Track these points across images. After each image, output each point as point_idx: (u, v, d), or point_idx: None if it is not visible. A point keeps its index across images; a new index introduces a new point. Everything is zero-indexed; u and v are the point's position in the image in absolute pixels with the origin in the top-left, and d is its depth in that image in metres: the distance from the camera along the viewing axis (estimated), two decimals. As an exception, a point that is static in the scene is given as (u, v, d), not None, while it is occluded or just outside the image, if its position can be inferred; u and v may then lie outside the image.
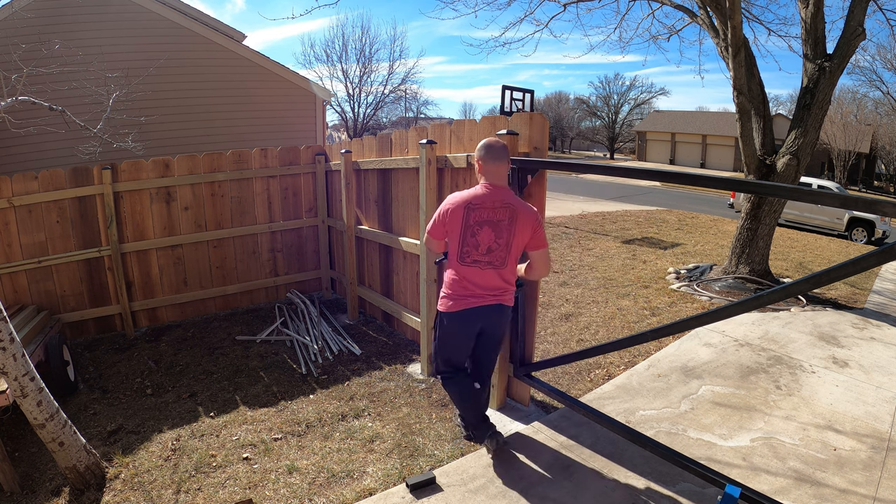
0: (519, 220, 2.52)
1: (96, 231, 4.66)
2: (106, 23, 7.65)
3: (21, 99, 4.37)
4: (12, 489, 2.69)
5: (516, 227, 2.52)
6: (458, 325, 2.63)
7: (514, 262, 2.62)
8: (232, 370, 4.06)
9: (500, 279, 2.59)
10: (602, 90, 51.09)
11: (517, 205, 2.55)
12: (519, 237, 2.54)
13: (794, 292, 2.20)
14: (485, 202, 2.53)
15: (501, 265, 2.56)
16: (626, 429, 2.78)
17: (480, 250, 2.54)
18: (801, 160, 5.92)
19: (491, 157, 2.57)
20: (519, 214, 2.52)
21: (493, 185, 2.56)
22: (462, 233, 2.55)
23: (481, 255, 2.54)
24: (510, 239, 2.53)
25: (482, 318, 2.62)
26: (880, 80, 28.10)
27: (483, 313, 2.60)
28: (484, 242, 2.53)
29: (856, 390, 3.67)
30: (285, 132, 9.30)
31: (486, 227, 2.52)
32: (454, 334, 2.66)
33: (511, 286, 2.67)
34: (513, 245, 2.55)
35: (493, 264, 2.55)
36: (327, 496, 2.58)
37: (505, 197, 2.55)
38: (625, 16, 12.40)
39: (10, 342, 2.38)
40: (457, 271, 2.61)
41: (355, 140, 5.02)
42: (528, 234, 2.55)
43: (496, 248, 2.53)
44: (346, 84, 31.86)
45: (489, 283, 2.58)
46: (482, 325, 2.65)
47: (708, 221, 12.26)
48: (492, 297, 2.60)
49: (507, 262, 2.57)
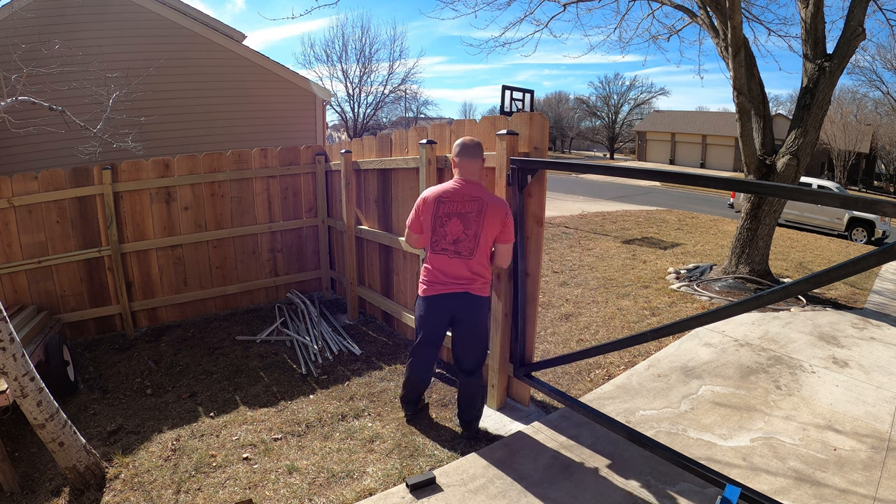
0: (487, 213, 2.70)
1: (96, 231, 4.65)
2: (106, 23, 7.65)
3: (21, 99, 4.38)
4: (12, 489, 2.69)
5: (485, 220, 2.70)
6: (429, 308, 2.87)
7: (483, 254, 2.77)
8: (232, 370, 4.06)
9: (466, 269, 2.76)
10: (602, 90, 51.17)
11: (486, 198, 2.73)
12: (487, 229, 2.72)
13: (794, 292, 2.20)
14: (454, 196, 2.75)
15: (469, 255, 2.74)
16: (626, 429, 2.78)
17: (448, 240, 2.74)
18: (801, 160, 5.92)
19: (464, 154, 2.77)
20: (488, 207, 2.71)
21: (465, 180, 2.77)
22: (433, 223, 2.77)
23: (449, 245, 2.75)
24: (478, 230, 2.71)
25: (451, 305, 2.82)
26: (880, 80, 28.14)
27: (451, 300, 2.80)
28: (452, 233, 2.73)
29: (856, 390, 3.67)
30: (285, 132, 9.30)
31: (455, 219, 2.72)
32: (428, 314, 2.90)
33: (481, 277, 2.81)
34: (481, 236, 2.72)
35: (461, 254, 2.74)
36: (327, 496, 2.58)
37: (475, 191, 2.74)
38: (625, 16, 12.40)
39: (10, 342, 2.38)
40: (429, 260, 2.85)
41: (355, 140, 5.02)
42: (497, 226, 2.73)
43: (464, 238, 2.72)
44: (346, 84, 31.89)
45: (455, 271, 2.76)
46: (453, 312, 2.84)
47: (708, 221, 12.26)
48: (458, 286, 2.77)
49: (475, 252, 2.73)
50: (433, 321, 2.90)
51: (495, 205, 2.73)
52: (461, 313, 2.84)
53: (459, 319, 2.86)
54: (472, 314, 2.84)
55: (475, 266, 2.76)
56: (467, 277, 2.77)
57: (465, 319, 2.86)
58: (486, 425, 3.19)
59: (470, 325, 2.88)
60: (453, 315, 2.85)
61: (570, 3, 7.93)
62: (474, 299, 2.80)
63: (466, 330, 2.89)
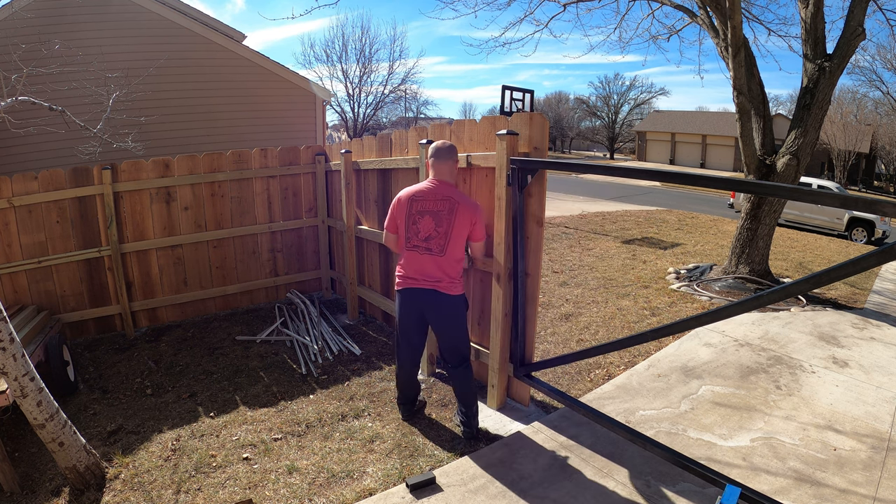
0: (458, 212, 2.83)
1: (96, 231, 4.65)
2: (106, 23, 7.65)
3: (21, 99, 4.37)
4: (12, 489, 2.69)
5: (455, 218, 2.83)
6: (402, 302, 3.01)
7: (453, 252, 2.87)
8: (232, 370, 4.06)
9: (436, 267, 2.86)
10: (602, 90, 51.13)
11: (458, 198, 2.86)
12: (458, 227, 2.84)
13: (794, 292, 2.20)
14: (427, 195, 2.88)
15: (440, 252, 2.85)
16: (626, 429, 2.78)
17: (420, 237, 2.87)
18: (801, 160, 5.92)
19: (436, 156, 2.92)
20: (459, 207, 2.83)
21: (438, 180, 2.91)
22: (407, 221, 2.90)
23: (420, 241, 2.87)
24: (449, 228, 2.83)
25: (419, 301, 2.93)
26: (880, 80, 28.12)
27: (419, 296, 2.92)
28: (424, 230, 2.86)
29: (856, 390, 3.67)
30: (285, 132, 9.30)
31: (427, 216, 2.85)
32: (402, 310, 3.03)
33: (450, 278, 2.89)
34: (452, 234, 2.84)
35: (431, 250, 2.86)
36: (327, 496, 2.58)
37: (447, 191, 2.88)
38: (625, 16, 12.40)
39: (10, 342, 2.38)
40: (403, 256, 2.98)
41: (355, 140, 5.02)
42: (467, 225, 2.86)
43: (435, 235, 2.84)
44: (346, 84, 31.86)
45: (425, 268, 2.87)
46: (422, 308, 2.95)
47: (708, 221, 12.26)
48: (427, 283, 2.88)
49: (446, 249, 2.84)
50: (406, 316, 3.02)
51: (466, 204, 2.86)
52: (430, 311, 2.94)
53: (431, 317, 2.97)
54: (440, 312, 2.93)
55: (444, 264, 2.86)
56: (437, 276, 2.87)
57: (436, 316, 2.95)
58: (486, 425, 3.19)
59: (441, 320, 2.96)
60: (423, 312, 2.96)
61: (570, 3, 7.93)
62: (443, 297, 2.89)
63: (438, 326, 3.00)
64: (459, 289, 2.95)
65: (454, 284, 2.91)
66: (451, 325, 2.98)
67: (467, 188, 3.54)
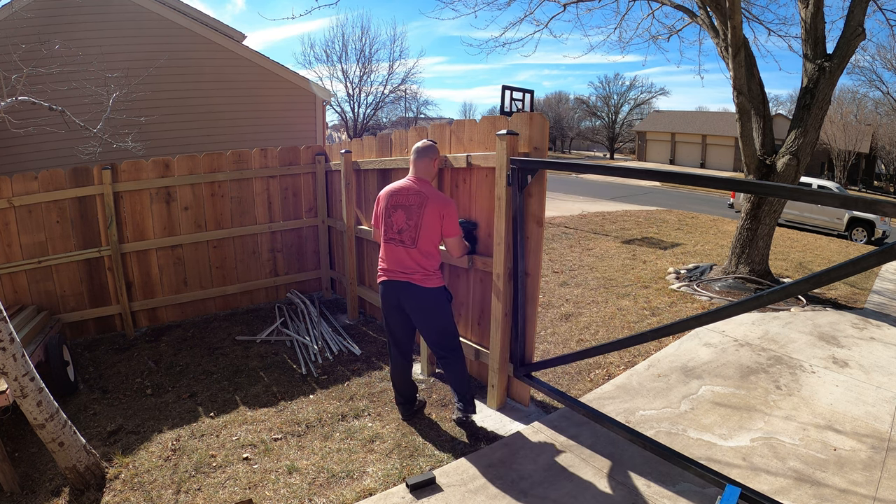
0: (428, 207, 2.92)
1: (96, 231, 4.65)
2: (106, 23, 7.65)
3: (21, 99, 4.37)
4: (12, 489, 2.69)
5: (424, 212, 2.92)
6: (382, 294, 3.10)
7: (425, 245, 2.94)
8: (232, 370, 4.06)
9: (408, 257, 2.96)
10: (602, 90, 51.09)
11: (429, 193, 2.96)
12: (427, 220, 2.92)
13: (794, 292, 2.20)
14: (402, 191, 3.01)
15: (411, 244, 2.94)
16: (626, 429, 2.78)
17: (395, 229, 2.99)
18: (801, 160, 5.92)
19: (415, 155, 3.06)
20: (428, 201, 2.93)
21: (416, 178, 3.04)
22: (384, 215, 3.04)
23: (395, 234, 2.99)
24: (419, 221, 2.93)
25: (396, 293, 3.02)
26: (880, 80, 28.11)
27: (395, 288, 3.01)
28: (397, 223, 2.98)
29: (856, 390, 3.67)
30: (285, 132, 9.30)
31: (400, 210, 2.98)
32: (383, 303, 3.13)
33: (423, 269, 2.96)
34: (421, 227, 2.93)
35: (404, 243, 2.96)
36: (327, 496, 2.58)
37: (421, 187, 2.99)
38: (625, 16, 12.40)
39: (10, 342, 2.38)
40: (381, 248, 3.10)
41: (355, 140, 5.02)
42: (437, 219, 2.93)
43: (406, 228, 2.95)
44: (346, 84, 31.84)
45: (399, 258, 2.98)
46: (399, 300, 3.03)
47: (708, 221, 12.26)
48: (402, 275, 2.97)
49: (417, 242, 2.93)
50: (386, 308, 3.12)
51: (436, 199, 2.95)
52: (407, 303, 3.01)
53: (408, 309, 3.03)
54: (416, 303, 3.00)
55: (416, 256, 2.94)
56: (410, 267, 2.96)
57: (412, 307, 3.01)
58: (486, 425, 3.19)
59: (417, 311, 3.02)
60: (402, 304, 3.03)
61: (570, 3, 7.93)
62: (418, 290, 2.96)
63: (416, 318, 3.06)
64: (436, 281, 3.01)
65: (428, 277, 2.97)
66: (430, 317, 3.04)
67: (467, 188, 3.54)
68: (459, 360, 3.14)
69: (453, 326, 3.13)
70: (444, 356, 3.11)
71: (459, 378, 3.11)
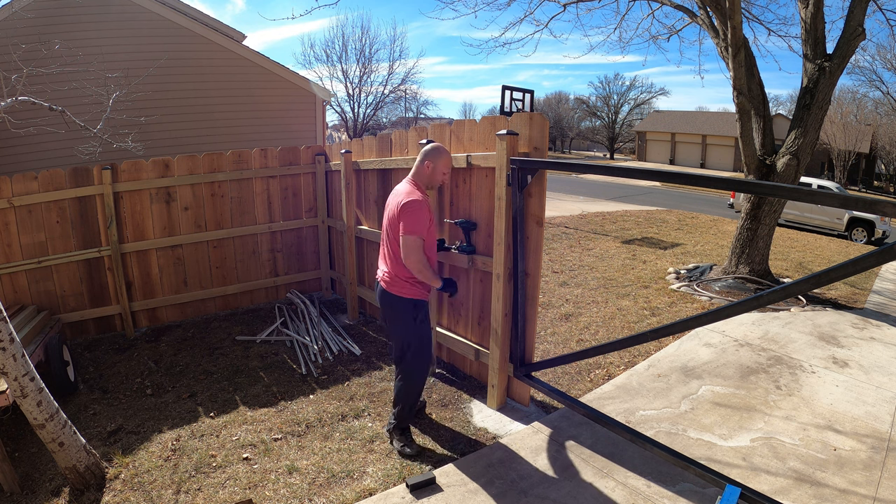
0: (391, 204, 2.84)
1: (96, 231, 4.65)
2: (106, 23, 7.65)
3: (21, 99, 4.37)
4: (12, 489, 2.69)
5: (391, 213, 2.82)
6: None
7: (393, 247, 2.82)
8: (232, 370, 4.06)
9: (384, 261, 2.92)
10: (602, 90, 51.12)
11: (402, 194, 2.81)
12: (392, 222, 2.81)
13: (794, 292, 2.20)
14: (393, 193, 2.95)
15: (387, 247, 2.89)
16: (626, 429, 2.78)
17: (383, 231, 2.96)
18: (801, 160, 5.92)
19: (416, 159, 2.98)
20: (397, 202, 2.79)
21: (410, 179, 2.96)
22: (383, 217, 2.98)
23: (383, 236, 2.94)
24: (390, 224, 2.84)
25: (378, 296, 2.97)
26: (880, 80, 28.10)
27: (377, 291, 2.96)
28: (383, 226, 2.95)
29: (856, 390, 3.67)
30: (285, 132, 9.30)
31: (385, 212, 2.94)
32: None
33: (392, 275, 2.84)
34: (391, 229, 2.82)
35: (382, 244, 2.95)
36: (327, 496, 2.58)
37: (403, 188, 2.88)
38: (625, 16, 12.41)
39: (10, 342, 2.38)
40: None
41: (355, 140, 5.02)
42: (396, 217, 2.77)
43: (384, 231, 2.92)
44: (346, 84, 31.82)
45: (380, 263, 2.96)
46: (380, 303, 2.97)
47: (708, 221, 12.26)
48: (380, 279, 2.93)
49: (390, 245, 2.85)
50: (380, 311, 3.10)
51: (397, 195, 2.84)
52: (380, 305, 2.99)
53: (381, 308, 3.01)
54: (382, 303, 2.95)
55: (387, 258, 2.88)
56: (383, 269, 2.92)
57: (380, 306, 3.01)
58: (486, 425, 3.19)
59: (383, 311, 2.99)
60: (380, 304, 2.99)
61: (570, 4, 7.93)
62: (383, 293, 2.91)
63: (382, 316, 3.05)
64: (404, 291, 2.82)
65: (395, 282, 2.82)
66: (391, 323, 2.98)
67: (467, 188, 3.54)
68: (410, 379, 2.93)
69: (416, 341, 2.89)
70: (395, 361, 3.02)
71: (403, 395, 2.93)
